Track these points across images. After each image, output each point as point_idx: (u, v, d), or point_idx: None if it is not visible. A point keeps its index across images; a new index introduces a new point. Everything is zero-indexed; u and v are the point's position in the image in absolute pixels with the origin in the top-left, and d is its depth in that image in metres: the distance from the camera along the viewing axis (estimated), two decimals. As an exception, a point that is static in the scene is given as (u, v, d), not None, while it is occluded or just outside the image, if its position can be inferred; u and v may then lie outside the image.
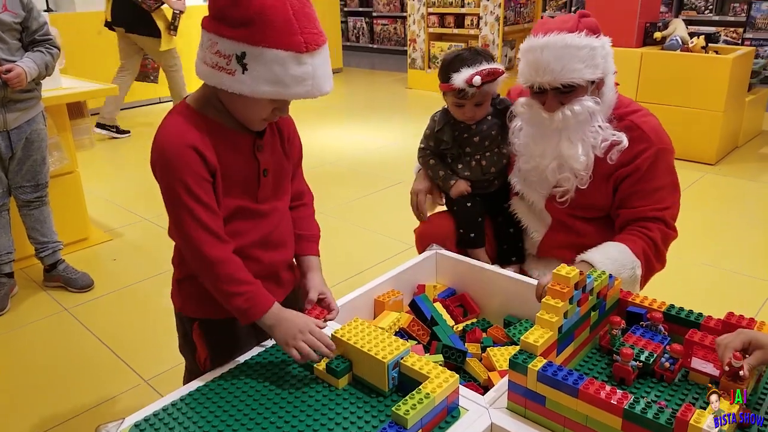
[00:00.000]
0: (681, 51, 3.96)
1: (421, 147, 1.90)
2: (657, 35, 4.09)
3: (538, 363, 1.02)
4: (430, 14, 6.37)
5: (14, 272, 2.62)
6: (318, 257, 1.39)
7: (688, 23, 5.72)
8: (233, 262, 1.18)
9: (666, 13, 6.51)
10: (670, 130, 1.68)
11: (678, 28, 4.06)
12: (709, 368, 1.09)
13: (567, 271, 1.11)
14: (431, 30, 6.41)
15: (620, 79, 1.72)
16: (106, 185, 3.92)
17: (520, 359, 1.04)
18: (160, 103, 6.16)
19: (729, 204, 3.45)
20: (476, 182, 1.83)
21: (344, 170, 4.19)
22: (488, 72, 1.66)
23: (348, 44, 9.44)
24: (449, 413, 1.06)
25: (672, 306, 1.24)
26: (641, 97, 3.98)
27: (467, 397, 1.11)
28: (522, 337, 1.07)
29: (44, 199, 2.57)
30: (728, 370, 0.98)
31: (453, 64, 1.71)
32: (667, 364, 1.12)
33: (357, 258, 2.86)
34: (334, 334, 1.17)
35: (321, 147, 4.70)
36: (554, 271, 1.12)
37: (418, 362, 1.09)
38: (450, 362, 1.40)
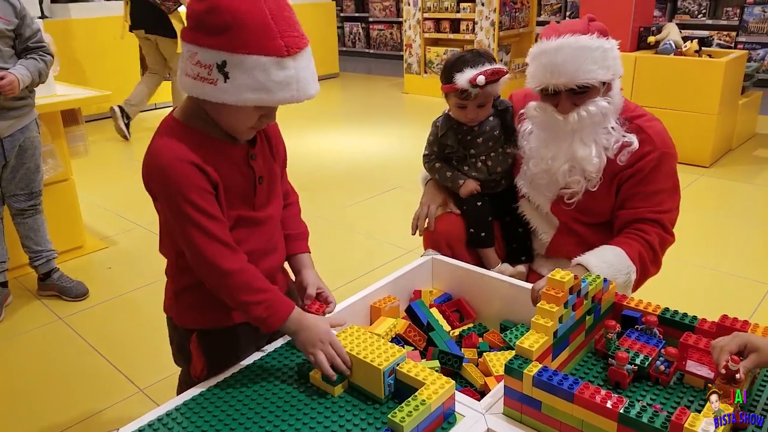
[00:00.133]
0: (674, 55, 3.98)
1: (426, 154, 1.91)
2: (651, 39, 4.10)
3: (534, 368, 1.02)
4: (426, 19, 6.39)
5: (8, 281, 2.60)
6: (309, 254, 1.41)
7: (682, 27, 5.76)
8: (248, 271, 1.17)
9: (660, 18, 6.55)
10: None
11: (671, 33, 4.08)
12: (704, 371, 1.09)
13: (561, 276, 1.11)
14: (427, 35, 6.42)
15: (615, 83, 1.72)
16: (101, 192, 3.91)
17: (516, 364, 1.04)
18: (156, 110, 6.15)
19: (723, 206, 3.46)
20: (484, 183, 1.83)
21: (341, 175, 4.19)
22: (492, 72, 1.66)
23: (344, 49, 9.46)
24: (445, 419, 1.05)
25: (667, 309, 1.24)
26: (635, 101, 3.96)
27: (463, 403, 1.11)
28: (517, 342, 1.07)
29: (38, 208, 2.56)
30: (724, 373, 0.98)
31: (456, 66, 1.71)
32: (662, 368, 1.12)
33: (353, 263, 2.85)
34: None
35: (317, 152, 4.70)
36: (548, 276, 1.12)
37: (414, 369, 1.09)
38: (447, 368, 1.40)
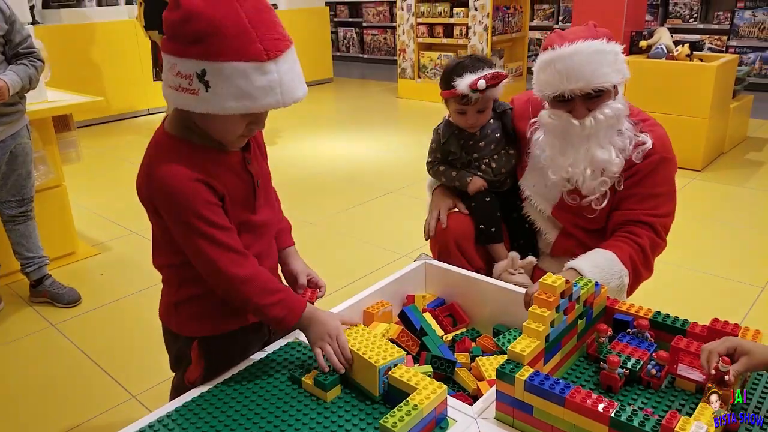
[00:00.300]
0: (666, 59, 4.00)
1: (429, 161, 1.91)
2: (642, 44, 4.13)
3: (525, 372, 1.02)
4: (420, 24, 6.40)
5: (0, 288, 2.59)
6: (294, 246, 1.44)
7: (673, 31, 5.79)
8: (261, 274, 1.18)
9: (651, 22, 6.59)
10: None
11: (663, 37, 4.11)
12: (695, 375, 1.09)
13: (553, 280, 1.11)
14: (420, 40, 6.44)
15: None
16: (94, 198, 3.89)
17: (508, 369, 1.04)
18: (149, 115, 6.15)
19: (715, 210, 3.48)
20: (489, 183, 1.85)
21: (334, 180, 4.18)
22: (492, 76, 1.67)
23: (338, 54, 9.47)
24: (437, 424, 1.05)
25: (658, 313, 1.25)
26: (628, 105, 4.01)
27: (456, 408, 1.11)
28: (509, 347, 1.07)
29: (29, 214, 2.54)
30: (714, 374, 0.98)
31: (455, 71, 1.72)
32: (654, 371, 1.12)
33: (347, 269, 2.85)
34: None
35: (311, 157, 4.70)
36: (540, 280, 1.13)
37: (406, 374, 1.09)
38: (439, 373, 1.40)
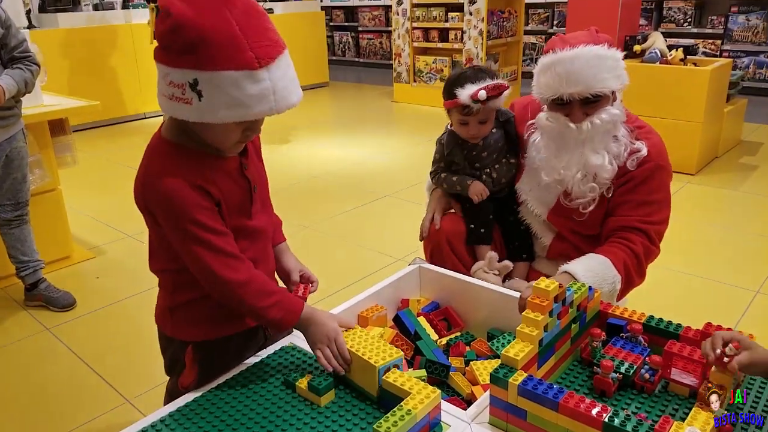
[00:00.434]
0: (660, 63, 4.02)
1: (432, 171, 1.92)
2: (637, 48, 4.14)
3: (519, 377, 1.03)
4: (415, 29, 6.42)
5: (-6, 292, 2.59)
6: (285, 242, 1.45)
7: (668, 36, 5.83)
8: (258, 278, 1.18)
9: (645, 26, 6.62)
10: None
11: (657, 41, 4.13)
12: (689, 379, 1.10)
13: (546, 285, 1.12)
14: (416, 44, 6.46)
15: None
16: (90, 202, 3.88)
17: (501, 373, 1.04)
18: (146, 119, 6.14)
19: (709, 213, 3.49)
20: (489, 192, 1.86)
21: (330, 184, 4.19)
22: (493, 86, 1.68)
23: (334, 58, 9.49)
24: (431, 429, 1.05)
25: (651, 317, 1.25)
26: (622, 109, 4.03)
27: (449, 413, 1.11)
28: (503, 351, 1.08)
29: (25, 218, 2.54)
30: (719, 355, 0.98)
31: (457, 82, 1.73)
32: (647, 376, 1.13)
33: (341, 272, 2.85)
34: None
35: (307, 161, 4.70)
36: (534, 284, 1.13)
37: (400, 378, 1.09)
38: (433, 377, 1.40)
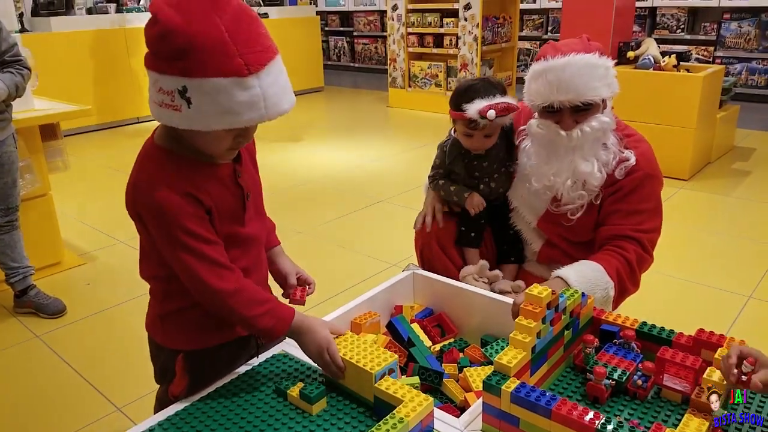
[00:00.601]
0: (653, 69, 4.04)
1: (431, 175, 1.91)
2: (630, 54, 4.16)
3: (512, 384, 1.02)
4: (410, 34, 6.43)
5: (-16, 298, 2.56)
6: (280, 245, 1.44)
7: (661, 42, 5.86)
8: (247, 287, 1.17)
9: (639, 33, 6.66)
10: (646, 147, 1.71)
11: (650, 48, 4.15)
12: (681, 385, 1.09)
13: (539, 291, 1.11)
14: (411, 50, 6.47)
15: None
16: (81, 207, 3.86)
17: (494, 381, 1.03)
18: (138, 123, 6.12)
19: (702, 219, 3.50)
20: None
21: (324, 189, 4.18)
22: (504, 107, 1.66)
23: (329, 63, 9.49)
24: (423, 437, 1.04)
25: (644, 323, 1.25)
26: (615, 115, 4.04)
27: (442, 420, 1.10)
28: (495, 358, 1.07)
29: (15, 224, 2.52)
30: (736, 374, 0.97)
31: (467, 94, 1.71)
32: (640, 382, 1.12)
33: (335, 279, 2.83)
34: None
35: (301, 166, 4.69)
36: (526, 291, 1.12)
37: (393, 386, 1.08)
38: (427, 384, 1.39)
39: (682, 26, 6.66)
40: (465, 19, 5.96)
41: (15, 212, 2.51)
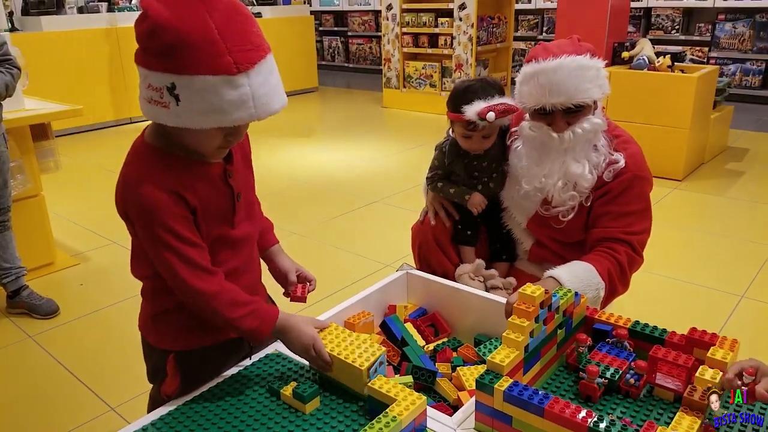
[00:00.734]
0: (648, 70, 4.05)
1: (429, 177, 1.91)
2: (625, 55, 4.17)
3: (504, 383, 1.02)
4: (405, 34, 6.43)
5: (-24, 299, 2.54)
6: (279, 243, 1.42)
7: (656, 43, 5.87)
8: (229, 289, 1.16)
9: (634, 33, 6.68)
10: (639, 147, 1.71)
11: (645, 48, 4.16)
12: (673, 384, 1.09)
13: (532, 291, 1.11)
14: (405, 50, 6.47)
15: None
16: (73, 208, 3.84)
17: (487, 379, 1.03)
18: (131, 124, 6.10)
19: (695, 219, 3.51)
20: None
21: (319, 190, 4.17)
22: (503, 109, 1.64)
23: (323, 63, 9.49)
24: (416, 436, 1.04)
25: (637, 322, 1.25)
26: (610, 116, 3.99)
27: (435, 419, 1.10)
28: (488, 357, 1.07)
29: (6, 224, 2.50)
30: (740, 386, 0.97)
31: (465, 96, 1.69)
32: (632, 381, 1.12)
33: (329, 279, 2.83)
34: None
35: (295, 167, 4.68)
36: (519, 290, 1.12)
37: (386, 385, 1.08)
38: (420, 383, 1.39)
39: (677, 27, 6.69)
40: (460, 19, 5.97)
41: (7, 213, 2.49)
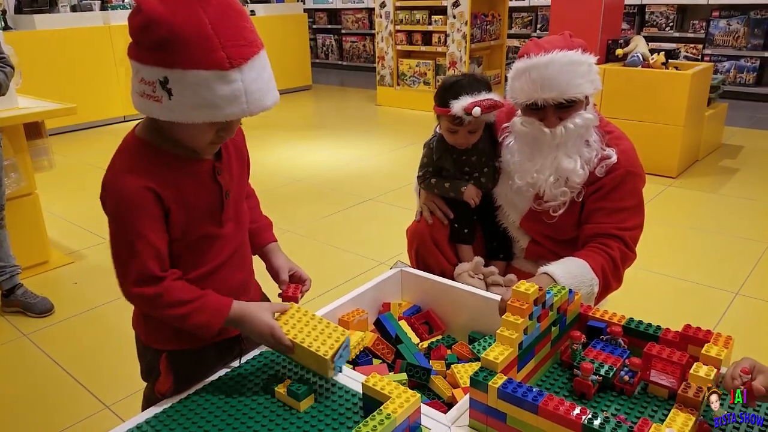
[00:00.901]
0: (642, 67, 4.06)
1: (419, 175, 1.91)
2: (619, 52, 4.18)
3: (499, 380, 1.02)
4: (398, 32, 6.43)
5: (-31, 298, 2.53)
6: (276, 242, 1.40)
7: (650, 40, 5.89)
8: (174, 287, 1.13)
9: (628, 30, 6.69)
10: (633, 144, 1.71)
11: (639, 45, 4.16)
12: (667, 381, 1.10)
13: (526, 288, 1.11)
14: (399, 47, 6.46)
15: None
16: (68, 206, 3.82)
17: (481, 377, 1.03)
18: (125, 122, 6.07)
19: (689, 216, 3.53)
20: None
21: (313, 188, 4.17)
22: (489, 105, 1.66)
23: (317, 61, 9.47)
24: (411, 434, 1.04)
25: (631, 319, 1.25)
26: (604, 113, 4.01)
27: (429, 416, 1.10)
28: (482, 355, 1.07)
29: (1, 223, 2.49)
30: (737, 385, 0.97)
31: (452, 91, 1.71)
32: (627, 378, 1.13)
33: (323, 277, 2.82)
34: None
35: (289, 165, 4.68)
36: (513, 288, 1.12)
37: (380, 382, 1.08)
38: (414, 380, 1.39)
39: (671, 24, 6.70)
40: (453, 17, 5.97)
41: (1, 211, 2.48)
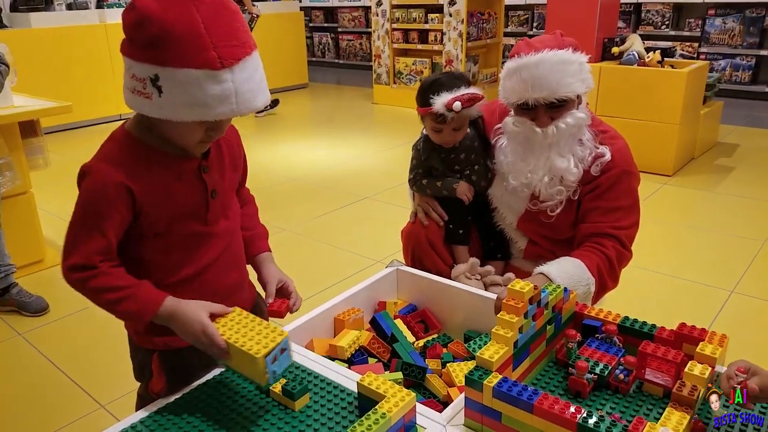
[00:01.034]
0: (638, 65, 4.06)
1: (411, 178, 1.91)
2: (615, 50, 4.18)
3: (494, 379, 1.02)
4: (395, 30, 6.42)
5: (-36, 297, 2.52)
6: (270, 252, 1.37)
7: (646, 38, 5.90)
8: (109, 272, 1.10)
9: (624, 29, 6.70)
10: (629, 143, 1.72)
11: (635, 43, 4.17)
12: (662, 379, 1.10)
13: (521, 286, 1.11)
14: (396, 46, 6.46)
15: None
16: (63, 205, 3.80)
17: (476, 375, 1.03)
18: (121, 120, 6.04)
19: (685, 214, 3.53)
20: None
21: (309, 186, 4.16)
22: (469, 98, 1.67)
23: (313, 60, 9.46)
24: (406, 432, 1.04)
25: (626, 318, 1.25)
26: (600, 111, 4.07)
27: (425, 415, 1.10)
28: (477, 353, 1.07)
29: (-5, 221, 2.49)
30: (732, 384, 0.97)
31: (432, 89, 1.71)
32: (622, 376, 1.13)
33: (320, 275, 2.83)
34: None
35: (286, 163, 4.67)
36: (509, 286, 1.12)
37: (375, 381, 1.08)
38: (410, 379, 1.39)
39: (667, 22, 6.71)
40: (450, 15, 5.96)
41: (-5, 210, 2.48)
